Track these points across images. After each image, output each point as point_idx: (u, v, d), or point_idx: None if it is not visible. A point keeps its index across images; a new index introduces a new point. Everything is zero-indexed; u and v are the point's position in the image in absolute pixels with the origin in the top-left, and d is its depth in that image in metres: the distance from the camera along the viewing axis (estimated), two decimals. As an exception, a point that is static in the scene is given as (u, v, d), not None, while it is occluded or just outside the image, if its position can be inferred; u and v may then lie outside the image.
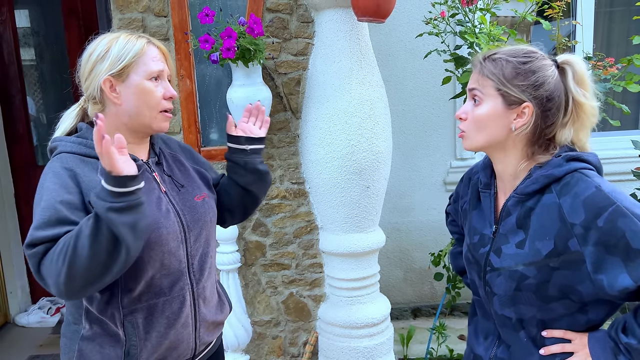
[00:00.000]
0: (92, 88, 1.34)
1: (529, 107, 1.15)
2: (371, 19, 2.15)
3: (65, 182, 1.23)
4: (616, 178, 3.38)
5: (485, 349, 1.31)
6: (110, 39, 1.35)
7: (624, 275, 1.05)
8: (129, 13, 2.37)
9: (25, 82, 3.75)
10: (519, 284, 1.16)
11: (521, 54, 1.17)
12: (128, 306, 1.31)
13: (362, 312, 2.52)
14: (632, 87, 2.52)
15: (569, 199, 1.11)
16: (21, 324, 3.68)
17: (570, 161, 1.14)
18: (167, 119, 1.40)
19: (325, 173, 2.40)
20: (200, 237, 1.44)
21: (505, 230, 1.21)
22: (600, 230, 1.07)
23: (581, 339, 1.16)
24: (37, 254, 1.15)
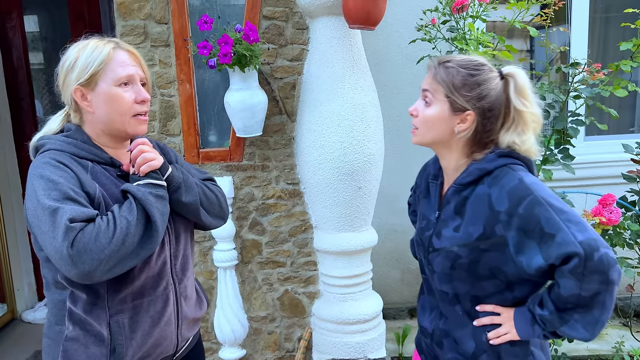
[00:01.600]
0: (67, 97, 1.38)
1: (471, 115, 1.29)
2: (362, 27, 2.24)
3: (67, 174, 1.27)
4: (607, 182, 3.44)
5: (430, 322, 1.46)
6: (79, 47, 1.36)
7: (539, 256, 1.20)
8: (131, 20, 2.48)
9: (33, 86, 3.87)
10: (453, 263, 1.32)
11: (472, 66, 1.30)
12: (114, 307, 1.34)
13: (355, 308, 2.60)
14: (619, 92, 2.59)
15: (497, 189, 1.26)
16: (28, 320, 3.78)
17: (501, 157, 1.29)
18: (142, 122, 1.42)
19: (319, 174, 2.49)
20: (180, 238, 1.48)
21: (445, 216, 1.37)
22: (521, 216, 1.21)
23: (508, 312, 1.33)
24: (75, 229, 1.19)
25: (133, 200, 1.28)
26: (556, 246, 1.18)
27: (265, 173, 2.63)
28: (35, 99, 3.90)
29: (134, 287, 1.36)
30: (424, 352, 1.54)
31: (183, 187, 1.42)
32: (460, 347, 1.37)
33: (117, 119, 1.37)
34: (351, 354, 2.61)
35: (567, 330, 1.24)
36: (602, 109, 2.65)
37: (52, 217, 1.20)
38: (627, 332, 3.29)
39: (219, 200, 1.57)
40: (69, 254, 1.17)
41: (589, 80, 2.64)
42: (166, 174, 1.38)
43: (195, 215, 1.49)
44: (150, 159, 1.34)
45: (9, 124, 3.79)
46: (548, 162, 2.66)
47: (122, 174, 1.41)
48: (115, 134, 1.41)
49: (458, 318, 1.38)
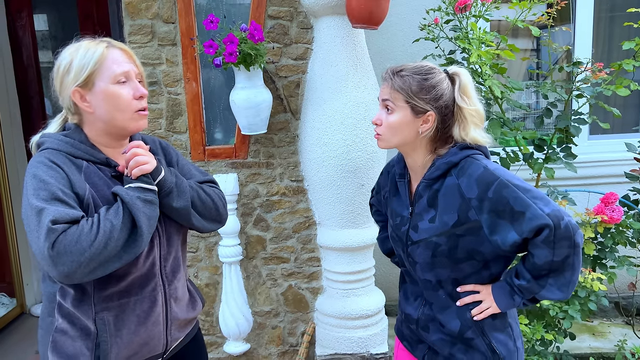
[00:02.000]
0: (65, 101, 1.38)
1: (432, 115, 1.41)
2: (365, 26, 2.28)
3: (58, 174, 1.28)
4: (611, 180, 3.46)
5: (415, 309, 1.57)
6: (72, 50, 1.36)
7: (512, 233, 1.33)
8: (139, 19, 2.53)
9: (43, 84, 3.93)
10: (434, 251, 1.43)
11: (424, 71, 1.41)
12: (100, 304, 1.35)
13: (357, 304, 2.64)
14: (621, 91, 2.60)
15: (465, 179, 1.38)
16: (36, 314, 3.84)
17: (463, 149, 1.42)
18: (142, 117, 1.42)
19: (322, 171, 2.53)
20: (171, 241, 1.48)
21: (419, 210, 1.47)
22: (491, 200, 1.34)
23: (487, 288, 1.46)
24: (57, 231, 1.19)
25: (120, 204, 1.29)
26: (527, 221, 1.31)
27: (270, 170, 2.68)
28: (45, 97, 3.96)
29: (121, 286, 1.37)
30: (406, 338, 1.64)
31: (175, 192, 1.42)
32: (446, 328, 1.48)
33: (117, 116, 1.38)
34: (353, 348, 2.65)
35: (545, 293, 1.38)
36: (605, 108, 2.66)
37: (37, 217, 1.21)
38: (630, 331, 3.30)
39: (215, 204, 1.56)
40: (49, 255, 1.18)
41: (591, 80, 2.65)
42: (158, 178, 1.38)
43: (186, 220, 1.49)
44: (142, 163, 1.35)
45: (19, 122, 3.85)
46: (550, 161, 2.68)
47: (117, 174, 1.41)
48: (115, 132, 1.42)
49: (442, 302, 1.49)
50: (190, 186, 1.49)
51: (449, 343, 1.49)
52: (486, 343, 1.46)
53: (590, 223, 2.73)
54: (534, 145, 2.74)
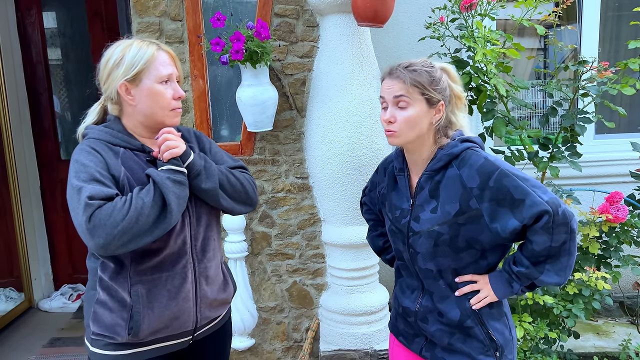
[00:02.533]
0: (110, 91, 1.52)
1: (443, 105, 1.48)
2: (370, 24, 2.29)
3: (96, 158, 1.44)
4: (616, 180, 3.45)
5: (412, 301, 1.61)
6: (124, 46, 1.50)
7: (512, 220, 1.39)
8: (147, 17, 2.55)
9: (51, 81, 3.97)
10: (436, 240, 1.48)
11: (428, 65, 1.48)
12: (135, 277, 1.48)
13: (361, 300, 2.66)
14: (627, 90, 2.60)
15: (467, 169, 1.44)
16: (44, 309, 3.90)
17: (463, 142, 1.48)
18: (178, 114, 1.57)
19: (328, 168, 2.55)
20: (201, 221, 1.59)
21: (420, 202, 1.52)
22: (492, 189, 1.40)
23: (484, 278, 1.51)
24: (93, 206, 1.33)
25: (152, 184, 1.42)
26: (527, 208, 1.36)
27: (275, 167, 2.70)
28: (53, 94, 3.99)
29: (154, 261, 1.49)
30: (402, 332, 1.68)
31: (203, 174, 1.53)
32: (445, 317, 1.52)
33: (157, 112, 1.52)
34: (357, 344, 2.66)
35: (544, 278, 1.44)
36: (610, 107, 2.66)
37: (77, 194, 1.35)
38: (634, 330, 3.30)
39: (244, 187, 1.66)
40: (86, 227, 1.32)
41: (596, 79, 2.65)
42: (187, 161, 1.50)
43: (215, 200, 1.59)
44: (172, 147, 1.47)
45: (27, 119, 3.89)
46: (555, 160, 2.68)
47: (151, 159, 1.53)
48: (152, 125, 1.55)
49: (442, 291, 1.54)
50: (220, 170, 1.60)
51: (448, 333, 1.53)
52: (484, 332, 1.51)
53: (595, 222, 2.74)
54: (539, 143, 2.74)
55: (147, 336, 1.51)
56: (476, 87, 2.65)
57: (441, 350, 1.56)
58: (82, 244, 4.20)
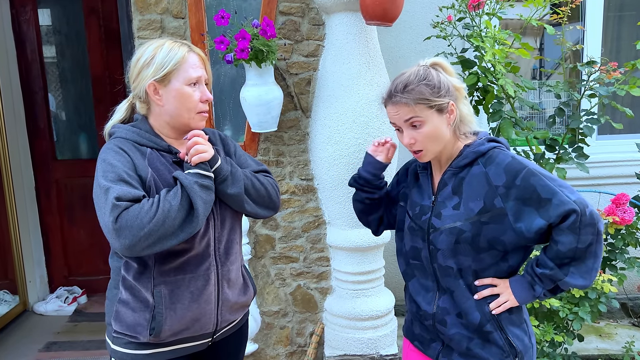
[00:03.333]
0: (139, 89, 1.52)
1: (453, 104, 1.46)
2: (379, 23, 2.24)
3: (124, 158, 1.44)
4: (619, 181, 3.44)
5: (428, 303, 1.56)
6: (156, 46, 1.51)
7: (538, 219, 1.37)
8: (148, 14, 2.49)
9: (47, 79, 3.89)
10: (457, 237, 1.45)
11: (422, 76, 1.45)
12: (158, 277, 1.48)
13: (367, 304, 2.61)
14: (635, 91, 2.57)
15: (493, 167, 1.43)
16: (39, 312, 3.82)
17: (489, 142, 1.48)
18: (204, 118, 1.57)
19: (334, 170, 2.50)
20: (225, 224, 1.59)
21: (442, 198, 1.51)
22: (518, 187, 1.39)
23: (504, 282, 1.49)
24: (120, 207, 1.33)
25: (180, 187, 1.42)
26: (554, 207, 1.35)
27: (280, 169, 2.64)
28: (49, 92, 3.91)
29: (178, 263, 1.49)
30: (418, 337, 1.64)
31: (229, 179, 1.53)
32: (465, 319, 1.49)
33: (184, 115, 1.52)
34: (363, 349, 2.62)
35: (569, 280, 1.41)
36: (617, 108, 2.64)
37: (105, 195, 1.35)
38: (637, 332, 3.28)
39: (268, 192, 1.66)
40: (113, 228, 1.32)
41: (604, 79, 2.62)
42: (215, 166, 1.49)
43: (239, 205, 1.59)
44: (201, 151, 1.46)
45: (22, 118, 3.81)
46: (562, 161, 2.65)
47: (178, 160, 1.53)
48: (178, 126, 1.55)
49: (462, 292, 1.50)
50: (245, 175, 1.59)
51: (467, 338, 1.50)
52: (504, 337, 1.48)
53: (601, 224, 2.71)
54: (545, 145, 2.71)
55: (169, 337, 1.51)
56: (483, 88, 2.62)
57: (458, 356, 1.52)
58: (77, 246, 4.11)
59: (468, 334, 1.49)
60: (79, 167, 3.93)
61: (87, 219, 3.96)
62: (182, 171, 1.48)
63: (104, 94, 3.85)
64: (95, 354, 3.21)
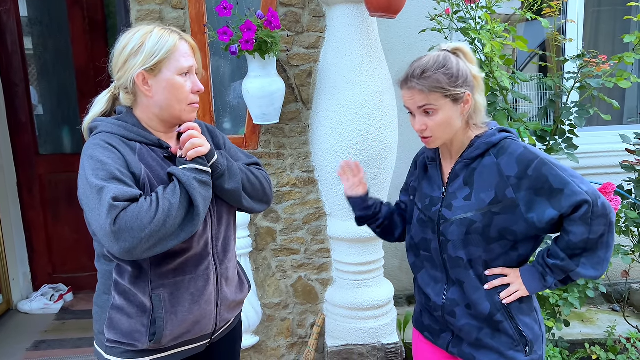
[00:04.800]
0: (125, 79, 1.41)
1: (469, 94, 1.44)
2: (383, 15, 2.26)
3: (114, 155, 1.33)
4: (604, 171, 3.54)
5: (437, 294, 1.57)
6: (144, 32, 1.40)
7: (550, 209, 1.37)
8: (147, 5, 2.44)
9: (28, 72, 3.77)
10: (468, 228, 1.46)
11: (441, 64, 1.42)
12: (156, 280, 1.40)
13: (368, 294, 2.64)
14: (623, 84, 2.65)
15: (505, 157, 1.42)
16: (24, 310, 3.72)
17: (500, 132, 1.47)
18: (195, 109, 1.49)
19: (336, 162, 2.50)
20: (222, 221, 1.53)
21: (453, 190, 1.51)
22: (530, 177, 1.38)
23: (514, 272, 1.49)
24: (118, 208, 1.23)
25: (177, 184, 1.33)
26: (566, 197, 1.35)
27: (281, 161, 2.64)
28: (30, 85, 3.80)
29: (176, 264, 1.41)
30: (427, 328, 1.65)
31: (227, 175, 1.47)
32: (474, 310, 1.50)
33: (175, 106, 1.43)
34: (365, 339, 2.65)
35: (580, 270, 1.41)
36: (604, 100, 2.72)
37: (98, 195, 1.25)
38: (618, 317, 3.39)
39: (262, 185, 1.61)
40: (111, 231, 1.22)
41: (594, 72, 2.70)
42: (212, 160, 1.42)
43: (237, 201, 1.53)
44: (198, 145, 1.38)
45: (3, 111, 3.69)
46: (553, 152, 2.72)
47: (169, 155, 1.45)
48: (168, 119, 1.46)
49: (472, 282, 1.50)
50: (239, 169, 1.53)
51: (477, 328, 1.50)
52: (514, 327, 1.49)
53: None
54: (536, 136, 2.78)
55: (170, 342, 1.44)
56: (479, 80, 2.66)
57: (469, 346, 1.53)
58: (62, 242, 4.00)
59: (478, 324, 1.50)
60: (63, 161, 3.83)
61: (71, 215, 3.87)
62: (175, 166, 1.39)
63: (88, 87, 3.75)
64: (87, 351, 3.15)
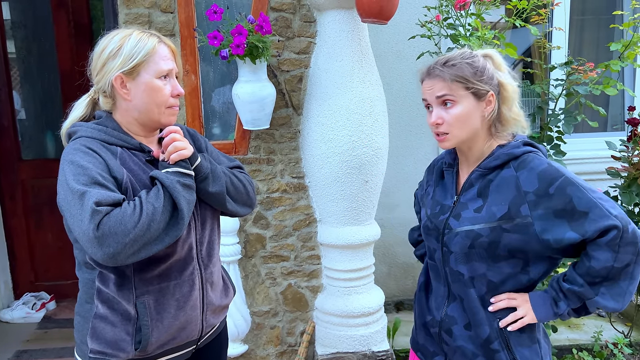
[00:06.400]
0: (103, 83, 1.40)
1: (492, 95, 1.37)
2: (375, 20, 2.25)
3: (95, 159, 1.31)
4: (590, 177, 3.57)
5: (437, 308, 1.50)
6: (123, 35, 1.39)
7: (570, 233, 1.27)
8: (135, 8, 2.41)
9: (11, 76, 3.70)
10: (473, 241, 1.37)
11: (467, 56, 1.38)
12: (140, 287, 1.37)
13: (359, 301, 2.62)
14: (609, 91, 2.68)
15: (526, 172, 1.32)
16: (5, 319, 3.63)
17: (526, 145, 1.38)
18: (174, 113, 1.47)
19: (326, 167, 2.49)
20: (206, 225, 1.51)
21: (465, 199, 1.42)
22: (551, 196, 1.28)
23: (522, 296, 1.39)
24: (101, 213, 1.21)
25: (161, 187, 1.32)
26: (592, 221, 1.25)
27: (271, 166, 2.61)
28: (13, 89, 3.72)
29: (160, 269, 1.39)
30: (421, 348, 1.58)
31: (210, 177, 1.46)
32: (473, 331, 1.42)
33: (153, 109, 1.42)
34: (356, 347, 2.62)
35: (599, 299, 1.30)
36: (591, 107, 2.75)
37: (80, 200, 1.23)
38: (604, 322, 3.40)
39: (246, 188, 1.61)
40: (95, 236, 1.20)
41: (581, 79, 2.73)
42: (195, 163, 1.41)
43: (221, 204, 1.52)
44: (181, 148, 1.38)
45: (-15, 115, 3.62)
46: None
47: (151, 159, 1.43)
48: (147, 123, 1.45)
49: (473, 302, 1.41)
50: (223, 172, 1.52)
51: (471, 354, 1.42)
52: (510, 358, 1.39)
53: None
54: (525, 142, 2.79)
55: (155, 349, 1.42)
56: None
57: None
58: (45, 250, 3.93)
59: (473, 349, 1.41)
60: (46, 167, 3.76)
61: (54, 222, 3.79)
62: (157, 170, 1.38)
63: (73, 91, 3.66)
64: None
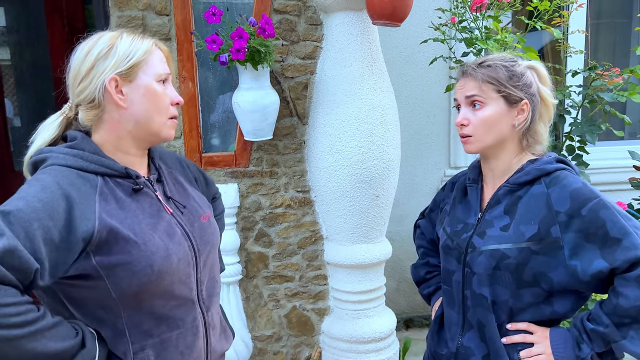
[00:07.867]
0: (92, 89, 1.16)
1: (527, 104, 1.29)
2: (387, 22, 2.07)
3: (53, 202, 1.03)
4: (613, 188, 3.39)
5: (451, 339, 1.39)
6: (111, 36, 1.19)
7: (600, 260, 1.17)
8: (128, 10, 2.24)
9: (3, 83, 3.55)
10: (498, 262, 1.26)
11: (507, 59, 1.31)
12: (138, 341, 1.17)
13: (369, 326, 2.42)
14: (635, 98, 2.52)
15: (558, 189, 1.24)
16: None
17: (558, 162, 1.30)
18: (175, 125, 1.28)
19: (334, 181, 2.30)
20: (207, 261, 1.32)
21: (491, 217, 1.32)
22: (583, 218, 1.19)
23: (543, 331, 1.28)
24: None
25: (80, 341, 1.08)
26: (624, 250, 1.15)
27: (274, 180, 2.43)
28: (5, 97, 3.58)
29: (157, 319, 1.19)
30: None
31: None
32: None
33: (155, 118, 1.21)
34: (366, 374, 2.43)
35: (626, 343, 1.17)
36: (615, 115, 2.59)
37: None
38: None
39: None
40: None
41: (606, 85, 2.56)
42: None
43: None
44: None
45: (-25, 125, 3.47)
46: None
47: (139, 188, 1.20)
48: (143, 136, 1.23)
49: (492, 329, 1.31)
50: None
51: None
52: None
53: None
54: (545, 152, 2.62)
55: None
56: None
57: None
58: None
59: None
60: (39, 179, 3.61)
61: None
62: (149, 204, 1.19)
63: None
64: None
